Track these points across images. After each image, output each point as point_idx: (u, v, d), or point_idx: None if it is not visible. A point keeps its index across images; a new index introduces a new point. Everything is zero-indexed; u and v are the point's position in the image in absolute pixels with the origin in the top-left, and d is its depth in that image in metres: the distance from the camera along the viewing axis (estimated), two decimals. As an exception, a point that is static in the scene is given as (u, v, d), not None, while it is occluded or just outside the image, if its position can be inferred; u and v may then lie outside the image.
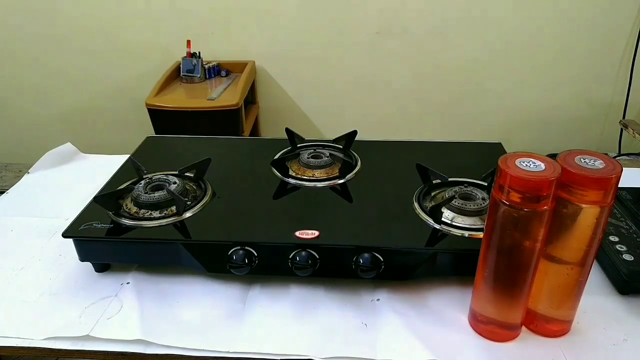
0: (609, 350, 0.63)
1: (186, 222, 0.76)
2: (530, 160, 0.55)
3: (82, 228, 0.74)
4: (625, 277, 0.69)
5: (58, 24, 2.13)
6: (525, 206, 0.54)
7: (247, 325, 0.68)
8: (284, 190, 0.85)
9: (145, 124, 1.86)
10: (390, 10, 2.05)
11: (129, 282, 0.75)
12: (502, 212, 0.55)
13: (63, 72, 2.22)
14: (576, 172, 0.54)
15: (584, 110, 2.19)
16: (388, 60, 2.15)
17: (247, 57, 2.14)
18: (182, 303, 0.72)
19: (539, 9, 2.01)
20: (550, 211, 0.55)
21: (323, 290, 0.73)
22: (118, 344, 0.65)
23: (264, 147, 1.00)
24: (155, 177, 0.84)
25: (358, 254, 0.68)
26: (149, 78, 2.03)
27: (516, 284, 0.60)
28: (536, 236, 0.56)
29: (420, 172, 0.83)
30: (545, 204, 0.54)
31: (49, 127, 2.33)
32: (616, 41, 2.06)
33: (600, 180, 0.54)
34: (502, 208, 0.55)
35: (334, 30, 2.10)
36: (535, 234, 0.56)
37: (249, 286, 0.75)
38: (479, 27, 2.05)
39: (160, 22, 2.10)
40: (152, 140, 1.06)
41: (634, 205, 0.82)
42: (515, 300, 0.61)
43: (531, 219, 0.55)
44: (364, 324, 0.68)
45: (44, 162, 1.09)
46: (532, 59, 2.09)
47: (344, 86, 2.21)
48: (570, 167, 0.54)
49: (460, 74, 2.14)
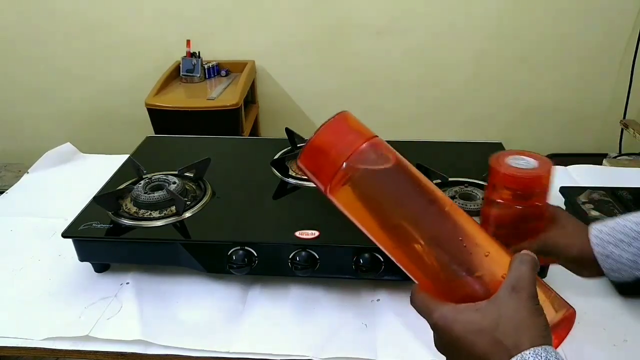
0: (610, 350, 0.63)
1: (186, 222, 0.75)
2: (522, 158, 0.54)
3: (81, 228, 0.74)
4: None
5: (58, 23, 2.12)
6: (517, 203, 0.53)
7: (247, 326, 0.68)
8: (284, 190, 0.85)
9: (145, 124, 1.86)
10: (390, 10, 2.05)
11: (129, 282, 0.75)
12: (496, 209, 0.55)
13: (63, 72, 2.22)
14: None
15: (585, 110, 2.19)
16: (388, 60, 2.14)
17: (247, 57, 2.14)
18: (182, 303, 0.72)
19: (539, 9, 2.00)
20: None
21: (323, 290, 0.73)
22: (117, 344, 0.65)
23: (264, 147, 1.00)
24: (155, 177, 0.84)
25: (358, 254, 0.68)
26: (148, 78, 2.02)
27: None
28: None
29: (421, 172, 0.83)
30: (538, 201, 0.53)
31: (48, 127, 2.33)
32: (616, 41, 2.06)
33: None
34: (496, 206, 0.54)
35: (334, 30, 2.10)
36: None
37: (249, 286, 0.75)
38: (479, 27, 2.05)
39: (160, 22, 2.10)
40: (151, 140, 1.06)
41: (634, 205, 0.82)
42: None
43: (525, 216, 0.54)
44: (364, 324, 0.67)
45: (44, 162, 1.09)
46: (532, 58, 2.09)
47: (344, 86, 2.21)
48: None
49: (460, 73, 2.14)
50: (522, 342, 0.36)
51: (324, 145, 0.44)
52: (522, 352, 0.35)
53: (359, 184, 0.44)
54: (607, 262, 0.54)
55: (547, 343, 0.36)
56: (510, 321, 0.37)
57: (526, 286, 0.38)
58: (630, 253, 0.53)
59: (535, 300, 0.38)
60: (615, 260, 0.54)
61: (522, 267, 0.39)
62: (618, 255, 0.54)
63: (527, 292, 0.38)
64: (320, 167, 0.45)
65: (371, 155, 0.44)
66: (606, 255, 0.54)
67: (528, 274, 0.39)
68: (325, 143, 0.44)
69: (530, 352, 0.35)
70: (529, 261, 0.40)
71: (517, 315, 0.37)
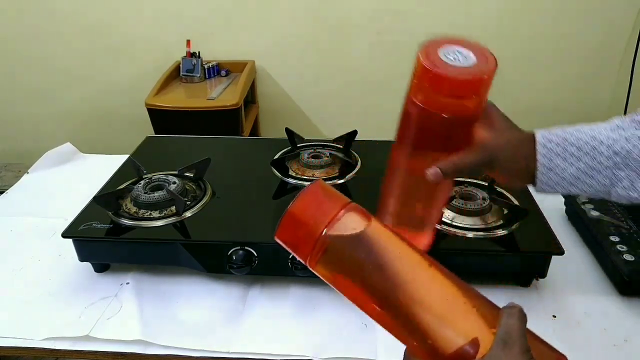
0: (610, 350, 0.63)
1: (186, 222, 0.75)
2: (459, 50, 0.44)
3: (81, 228, 0.74)
4: (626, 278, 0.69)
5: (58, 23, 2.12)
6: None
7: (247, 326, 0.68)
8: (284, 190, 0.85)
9: (145, 124, 1.86)
10: (390, 10, 2.05)
11: (129, 282, 0.75)
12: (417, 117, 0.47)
13: (63, 72, 2.22)
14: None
15: (585, 110, 2.19)
16: (388, 60, 2.14)
17: (247, 57, 2.14)
18: (182, 303, 0.72)
19: (539, 9, 2.01)
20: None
21: (323, 290, 0.73)
22: (117, 344, 0.65)
23: (264, 147, 1.00)
24: (155, 177, 0.84)
25: (358, 254, 0.68)
26: (148, 78, 2.02)
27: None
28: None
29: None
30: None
31: (48, 127, 2.33)
32: (616, 41, 2.06)
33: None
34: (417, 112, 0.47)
35: (334, 30, 2.10)
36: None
37: (249, 286, 0.75)
38: (479, 27, 2.05)
39: (159, 22, 2.10)
40: (151, 140, 1.06)
41: (634, 205, 0.82)
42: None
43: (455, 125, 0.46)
44: (364, 324, 0.67)
45: (44, 162, 1.09)
46: (532, 58, 2.08)
47: (344, 86, 2.21)
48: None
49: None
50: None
51: (302, 217, 0.42)
52: None
53: (337, 251, 0.42)
54: (546, 176, 0.49)
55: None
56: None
57: (517, 339, 0.36)
58: (576, 169, 0.48)
59: (529, 354, 0.36)
60: (556, 174, 0.49)
61: (511, 320, 0.38)
62: (562, 169, 0.49)
63: (519, 346, 0.36)
64: (298, 239, 0.42)
65: (349, 223, 0.41)
66: (549, 169, 0.49)
67: (517, 327, 0.37)
68: (302, 214, 0.42)
69: None
70: (516, 314, 0.38)
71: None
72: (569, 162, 0.48)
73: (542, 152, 0.49)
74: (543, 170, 0.49)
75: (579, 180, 0.48)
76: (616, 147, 0.48)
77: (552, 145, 0.49)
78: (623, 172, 0.48)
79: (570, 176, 0.48)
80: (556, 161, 0.48)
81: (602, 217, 0.80)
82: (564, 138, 0.49)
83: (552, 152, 0.48)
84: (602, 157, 0.48)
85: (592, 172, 0.48)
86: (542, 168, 0.49)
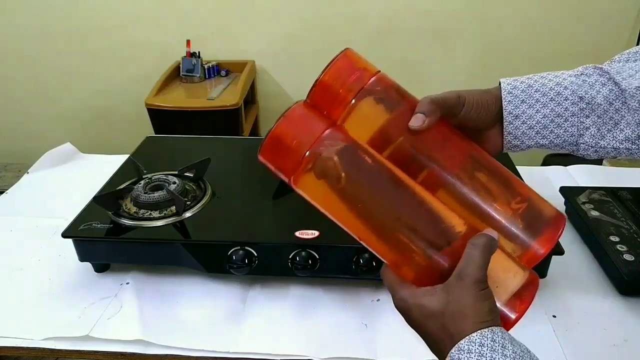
0: (610, 350, 0.63)
1: (186, 222, 0.75)
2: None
3: (81, 228, 0.74)
4: (626, 278, 0.69)
5: (58, 23, 2.12)
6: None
7: (247, 326, 0.68)
8: (284, 190, 0.85)
9: (145, 124, 1.86)
10: (390, 10, 2.05)
11: (129, 282, 0.75)
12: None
13: (63, 72, 2.22)
14: None
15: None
16: (388, 60, 2.14)
17: (247, 56, 2.14)
18: (182, 303, 0.72)
19: (539, 8, 2.01)
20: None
21: (323, 290, 0.73)
22: (117, 344, 0.65)
23: (263, 147, 1.00)
24: (155, 177, 0.84)
25: (358, 254, 0.68)
26: (148, 78, 2.02)
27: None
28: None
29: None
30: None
31: (48, 127, 2.33)
32: (616, 41, 2.06)
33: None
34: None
35: (334, 30, 2.10)
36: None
37: (249, 286, 0.75)
38: (479, 26, 2.05)
39: (159, 22, 2.10)
40: (151, 140, 1.06)
41: (634, 205, 0.82)
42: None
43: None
44: (364, 324, 0.67)
45: (44, 162, 1.09)
46: (532, 58, 2.08)
47: (344, 86, 2.21)
48: None
49: (460, 73, 2.14)
50: (464, 328, 0.36)
51: (285, 138, 0.44)
52: (466, 337, 0.36)
53: (320, 170, 0.43)
54: (512, 125, 0.49)
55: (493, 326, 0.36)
56: (455, 307, 0.37)
57: (471, 272, 0.37)
58: (542, 115, 0.48)
59: (481, 285, 0.37)
60: (523, 122, 0.49)
61: (472, 251, 0.38)
62: (528, 116, 0.48)
63: (472, 278, 0.37)
64: (282, 160, 0.44)
65: (333, 141, 0.43)
66: (515, 116, 0.49)
67: (477, 258, 0.38)
68: (286, 135, 0.44)
69: (466, 340, 0.36)
70: (480, 244, 0.38)
71: (462, 301, 0.37)
72: (534, 108, 0.48)
73: (507, 98, 0.49)
74: (509, 118, 0.49)
75: (546, 129, 0.49)
76: (581, 92, 0.48)
77: (517, 92, 0.49)
78: (589, 120, 0.48)
79: (537, 124, 0.48)
80: (522, 108, 0.48)
81: (602, 217, 0.80)
82: (528, 85, 0.49)
83: (518, 98, 0.49)
84: (567, 103, 0.48)
85: (558, 119, 0.48)
86: (508, 116, 0.49)
